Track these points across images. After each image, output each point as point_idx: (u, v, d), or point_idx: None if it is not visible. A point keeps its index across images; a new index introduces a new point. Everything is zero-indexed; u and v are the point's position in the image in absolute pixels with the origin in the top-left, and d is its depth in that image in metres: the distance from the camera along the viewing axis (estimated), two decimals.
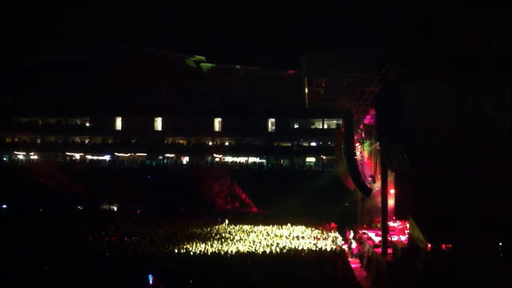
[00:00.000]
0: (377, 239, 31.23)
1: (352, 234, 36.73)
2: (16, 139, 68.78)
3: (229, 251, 28.94)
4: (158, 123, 69.25)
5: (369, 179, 34.27)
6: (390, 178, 28.80)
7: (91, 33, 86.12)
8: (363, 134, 37.67)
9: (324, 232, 37.68)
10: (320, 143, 66.10)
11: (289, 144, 67.70)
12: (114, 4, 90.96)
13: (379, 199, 30.47)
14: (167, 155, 67.07)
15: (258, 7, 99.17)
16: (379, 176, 30.88)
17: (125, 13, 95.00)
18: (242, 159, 65.49)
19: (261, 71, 67.57)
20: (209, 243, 31.92)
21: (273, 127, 68.35)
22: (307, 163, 65.51)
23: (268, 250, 29.59)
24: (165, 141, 68.38)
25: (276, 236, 35.90)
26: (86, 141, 69.59)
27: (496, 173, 24.49)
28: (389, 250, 27.02)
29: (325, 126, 66.06)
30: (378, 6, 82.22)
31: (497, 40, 25.25)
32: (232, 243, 32.00)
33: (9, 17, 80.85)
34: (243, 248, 30.31)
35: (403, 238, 29.32)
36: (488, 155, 24.67)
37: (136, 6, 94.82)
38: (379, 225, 32.54)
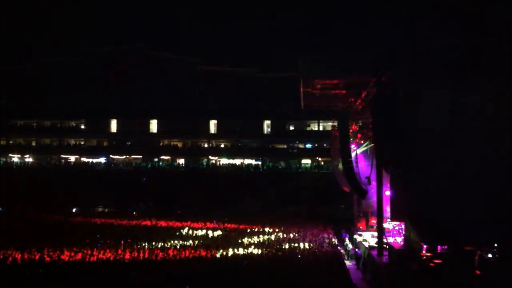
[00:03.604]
0: (373, 240, 31.27)
1: (347, 236, 36.76)
2: (11, 142, 68.53)
3: (225, 253, 28.89)
4: (154, 125, 69.21)
5: (365, 180, 34.30)
6: (386, 180, 28.86)
7: (87, 35, 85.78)
8: (358, 136, 37.77)
9: (320, 234, 37.60)
10: (316, 145, 66.31)
11: (285, 146, 67.81)
12: (110, 5, 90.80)
13: (374, 201, 30.50)
14: (162, 157, 67.07)
15: (255, 9, 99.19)
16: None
17: (121, 14, 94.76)
18: (238, 161, 65.50)
19: (257, 73, 67.59)
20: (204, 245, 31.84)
21: (269, 129, 68.39)
22: (303, 165, 65.61)
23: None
24: (161, 143, 68.40)
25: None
26: (82, 144, 69.48)
27: (492, 175, 24.55)
28: (385, 252, 27.06)
29: (321, 128, 66.24)
30: (376, 8, 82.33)
31: (494, 40, 25.38)
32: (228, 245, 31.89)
33: (4, 19, 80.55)
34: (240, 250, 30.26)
35: (399, 239, 29.39)
36: (484, 156, 24.74)
37: (132, 7, 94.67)
38: (374, 227, 32.59)
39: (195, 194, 54.12)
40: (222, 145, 68.42)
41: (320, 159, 64.36)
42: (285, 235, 36.50)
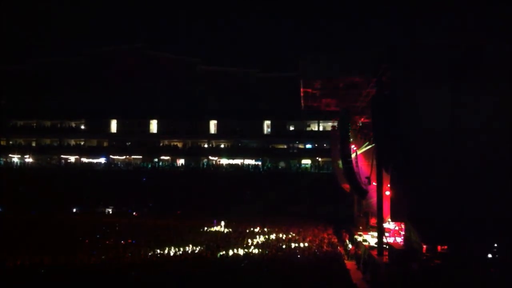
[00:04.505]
0: (373, 240, 31.25)
1: (348, 236, 36.74)
2: (11, 142, 68.55)
3: (225, 254, 28.88)
4: (154, 125, 69.23)
5: (365, 180, 34.31)
6: (386, 180, 28.84)
7: (87, 35, 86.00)
8: (359, 136, 37.79)
9: (320, 234, 37.59)
10: (316, 145, 66.34)
11: (285, 146, 67.83)
12: (110, 5, 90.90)
13: (374, 201, 30.49)
14: (162, 157, 67.10)
15: (255, 9, 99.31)
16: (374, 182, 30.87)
17: (121, 14, 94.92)
18: (238, 161, 65.51)
19: (257, 73, 67.62)
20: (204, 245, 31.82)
21: (269, 129, 68.40)
22: (303, 165, 65.63)
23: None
24: (161, 144, 68.42)
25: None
26: (82, 144, 69.50)
27: (492, 175, 24.55)
28: (385, 252, 27.05)
29: (321, 128, 66.26)
30: (376, 8, 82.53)
31: (494, 40, 25.36)
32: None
33: (4, 19, 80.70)
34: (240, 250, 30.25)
35: (399, 239, 29.38)
36: (484, 156, 24.73)
37: (132, 7, 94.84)
38: (375, 227, 32.55)
39: (195, 195, 54.20)
40: (222, 145, 68.43)
41: (320, 159, 64.38)
42: (285, 235, 36.47)
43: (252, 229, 39.03)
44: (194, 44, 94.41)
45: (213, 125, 68.54)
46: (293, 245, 32.44)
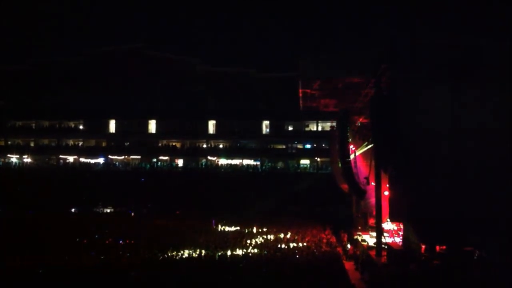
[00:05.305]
0: (372, 241, 31.19)
1: (346, 236, 36.69)
2: (9, 142, 68.52)
3: (224, 254, 28.79)
4: (152, 125, 69.19)
5: (363, 181, 34.27)
6: (384, 180, 28.78)
7: (87, 35, 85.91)
8: (357, 136, 37.76)
9: (318, 235, 37.52)
10: (315, 145, 66.40)
11: (284, 147, 67.85)
12: (110, 5, 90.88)
13: (373, 201, 30.43)
14: (161, 157, 67.06)
15: (255, 9, 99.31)
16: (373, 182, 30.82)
17: (121, 14, 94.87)
18: (236, 162, 65.49)
19: (257, 73, 67.64)
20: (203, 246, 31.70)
21: (268, 130, 68.40)
22: (302, 165, 65.65)
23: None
24: (159, 144, 68.38)
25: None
26: (80, 144, 69.43)
27: (492, 175, 24.48)
28: (384, 252, 27.00)
29: (319, 129, 66.32)
30: (376, 7, 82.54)
31: (494, 40, 25.32)
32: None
33: (4, 19, 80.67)
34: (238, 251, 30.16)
35: (398, 240, 29.34)
36: (484, 156, 24.66)
37: (131, 7, 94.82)
38: (373, 227, 32.50)
39: (193, 195, 54.15)
40: (221, 146, 68.41)
41: (318, 159, 64.43)
42: (283, 236, 36.39)
43: (250, 229, 38.98)
44: (194, 44, 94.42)
45: (212, 126, 68.54)
46: (291, 245, 32.35)
